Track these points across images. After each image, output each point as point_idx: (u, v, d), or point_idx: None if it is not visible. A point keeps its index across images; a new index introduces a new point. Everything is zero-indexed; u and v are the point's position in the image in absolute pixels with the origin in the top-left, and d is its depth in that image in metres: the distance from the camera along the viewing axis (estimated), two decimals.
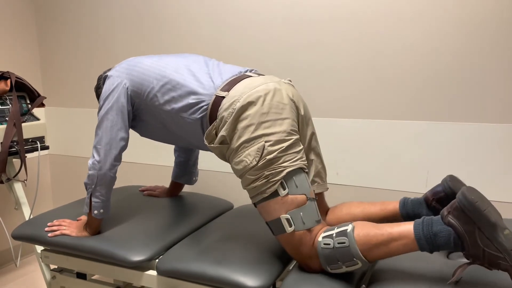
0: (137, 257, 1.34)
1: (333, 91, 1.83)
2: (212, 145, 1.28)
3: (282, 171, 1.17)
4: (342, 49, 1.78)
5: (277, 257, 1.31)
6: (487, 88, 1.58)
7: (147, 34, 2.19)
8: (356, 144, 1.81)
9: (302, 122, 1.33)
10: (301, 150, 1.23)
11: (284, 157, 1.19)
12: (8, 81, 1.90)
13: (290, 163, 1.19)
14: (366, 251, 1.09)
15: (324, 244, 1.13)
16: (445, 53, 1.62)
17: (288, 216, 1.16)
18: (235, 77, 1.34)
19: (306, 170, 1.24)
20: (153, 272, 1.38)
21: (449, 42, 1.61)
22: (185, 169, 1.80)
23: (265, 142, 1.19)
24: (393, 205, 1.32)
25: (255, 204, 1.23)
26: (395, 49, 1.69)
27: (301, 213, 1.16)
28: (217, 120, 1.26)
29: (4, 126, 1.82)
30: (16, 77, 1.93)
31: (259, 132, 1.20)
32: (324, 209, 1.45)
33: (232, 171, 2.06)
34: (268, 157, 1.18)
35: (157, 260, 1.38)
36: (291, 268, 1.34)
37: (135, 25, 2.21)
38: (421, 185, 1.71)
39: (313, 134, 1.38)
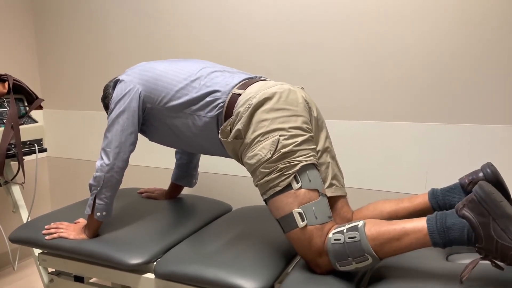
0: (135, 260, 1.33)
1: (332, 93, 1.82)
2: (226, 139, 1.29)
3: (296, 164, 1.18)
4: (341, 51, 1.78)
5: (276, 259, 1.30)
6: (486, 90, 1.57)
7: (146, 38, 2.18)
8: (355, 146, 1.81)
9: (316, 124, 1.34)
10: (314, 148, 1.26)
11: (298, 151, 1.20)
12: (6, 83, 1.89)
13: (304, 157, 1.20)
14: (377, 246, 1.08)
15: (335, 239, 1.12)
16: (444, 54, 1.62)
17: (300, 210, 1.16)
18: (249, 79, 1.38)
19: (318, 168, 1.25)
20: (151, 275, 1.37)
21: (449, 43, 1.61)
22: (186, 171, 1.80)
23: (280, 136, 1.20)
24: (422, 197, 1.31)
25: (266, 201, 1.23)
26: (395, 50, 1.69)
27: (314, 208, 1.16)
28: (233, 116, 1.28)
29: (1, 129, 1.81)
30: (14, 80, 1.92)
31: (274, 126, 1.22)
32: (346, 215, 1.38)
33: (232, 173, 2.08)
34: (283, 150, 1.19)
35: (155, 263, 1.37)
36: (290, 270, 1.33)
37: (133, 29, 2.21)
38: (421, 187, 1.70)
39: (327, 137, 1.39)
